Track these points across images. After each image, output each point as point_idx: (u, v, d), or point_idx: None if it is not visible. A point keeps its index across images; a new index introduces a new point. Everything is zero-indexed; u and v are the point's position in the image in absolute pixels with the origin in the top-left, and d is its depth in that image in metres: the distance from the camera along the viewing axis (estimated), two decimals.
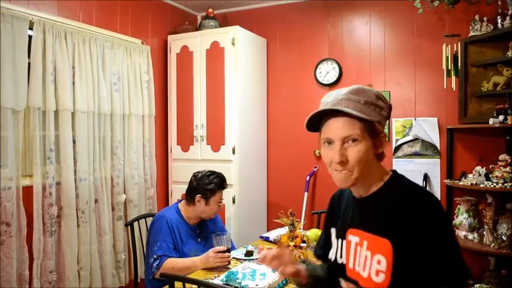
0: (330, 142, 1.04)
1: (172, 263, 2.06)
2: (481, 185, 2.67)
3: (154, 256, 2.09)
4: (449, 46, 2.92)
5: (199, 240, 2.31)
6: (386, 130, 3.28)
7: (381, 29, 3.31)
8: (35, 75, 2.42)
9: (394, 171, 1.11)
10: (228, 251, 2.11)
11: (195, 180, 2.30)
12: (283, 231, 2.33)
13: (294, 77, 3.65)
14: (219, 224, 2.46)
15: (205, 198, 2.25)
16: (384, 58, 3.30)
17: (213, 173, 2.33)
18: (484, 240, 2.71)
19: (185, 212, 2.30)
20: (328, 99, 1.05)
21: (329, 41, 3.49)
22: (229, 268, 1.99)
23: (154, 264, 2.07)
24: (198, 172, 2.35)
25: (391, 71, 3.29)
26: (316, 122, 1.07)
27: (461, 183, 2.81)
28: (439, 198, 3.07)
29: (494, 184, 2.62)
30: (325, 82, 3.48)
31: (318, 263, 1.33)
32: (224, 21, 3.79)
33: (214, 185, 2.27)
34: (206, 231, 2.35)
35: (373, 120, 1.01)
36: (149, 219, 2.69)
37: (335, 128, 1.02)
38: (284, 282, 1.78)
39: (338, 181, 1.06)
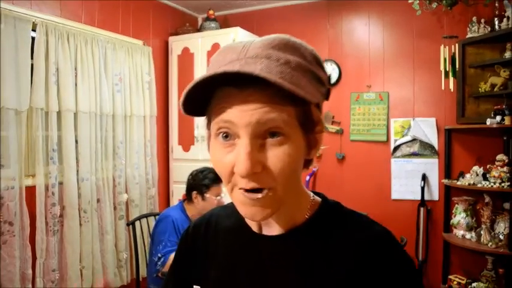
0: (228, 135, 0.57)
1: None
2: (479, 185, 2.70)
3: (159, 255, 2.12)
4: (447, 47, 2.95)
5: None
6: (381, 131, 3.32)
7: (380, 30, 3.34)
8: (37, 76, 2.45)
9: (321, 195, 0.70)
10: None
11: (191, 178, 2.35)
12: None
13: None
14: None
15: (201, 194, 2.28)
16: (383, 59, 3.33)
17: (206, 168, 2.35)
18: (482, 239, 2.74)
19: (188, 211, 2.34)
20: (230, 56, 0.58)
21: (329, 42, 3.52)
22: None
23: (159, 263, 2.11)
24: (194, 170, 2.39)
25: (390, 71, 3.31)
26: (202, 99, 0.59)
27: (459, 183, 2.84)
28: (437, 198, 3.12)
29: (492, 184, 2.65)
30: None
31: None
32: (225, 22, 3.81)
33: (208, 180, 2.29)
34: None
35: (310, 100, 0.55)
36: (150, 219, 2.72)
37: (241, 109, 0.55)
38: None
39: (249, 211, 0.58)
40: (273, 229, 0.66)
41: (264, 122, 0.55)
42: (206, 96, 0.59)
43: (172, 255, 2.10)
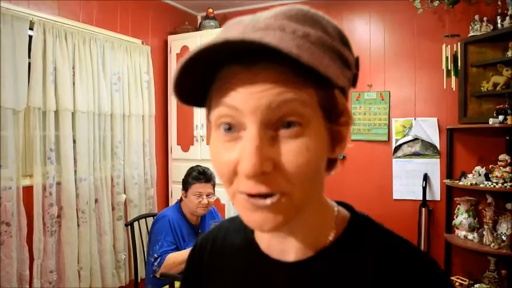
0: (230, 127, 0.46)
1: (173, 258, 2.08)
2: (481, 185, 2.68)
3: (155, 255, 2.11)
4: (449, 46, 2.93)
5: None
6: (382, 131, 3.29)
7: (381, 29, 3.32)
8: (35, 76, 2.43)
9: (348, 206, 0.58)
10: None
11: (184, 176, 2.36)
12: None
13: None
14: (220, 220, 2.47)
15: (185, 191, 2.30)
16: (384, 58, 3.30)
17: (195, 167, 2.36)
18: (484, 240, 2.72)
19: (183, 209, 2.35)
20: (234, 29, 0.46)
21: None
22: None
23: (156, 263, 2.09)
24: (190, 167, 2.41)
25: (391, 71, 3.29)
26: (199, 81, 0.47)
27: (461, 183, 2.82)
28: (439, 198, 3.10)
29: (494, 184, 2.62)
30: None
31: None
32: (224, 21, 3.75)
33: (191, 178, 2.29)
34: (208, 229, 2.36)
35: (335, 81, 0.43)
36: (149, 219, 2.70)
37: (247, 91, 0.43)
38: None
39: (255, 218, 0.46)
40: (287, 252, 0.52)
41: (277, 106, 0.42)
42: (206, 80, 0.47)
43: (169, 255, 2.09)
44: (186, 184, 2.30)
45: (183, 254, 2.10)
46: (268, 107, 0.42)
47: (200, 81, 0.47)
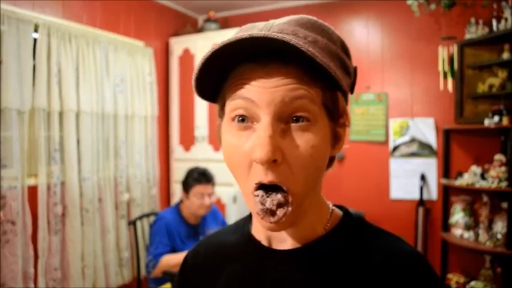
0: (244, 118, 0.50)
1: (167, 260, 2.13)
2: (477, 185, 2.73)
3: (150, 257, 2.16)
4: (445, 48, 2.98)
5: (200, 238, 2.36)
6: (380, 131, 3.34)
7: (378, 31, 3.37)
8: (39, 77, 2.47)
9: (343, 208, 0.61)
10: None
11: (183, 177, 2.38)
12: None
13: None
14: (221, 221, 2.51)
15: (186, 192, 2.31)
16: (382, 60, 3.35)
17: (195, 169, 2.37)
18: (480, 238, 2.76)
19: (183, 211, 2.36)
20: (251, 31, 0.49)
21: None
22: None
23: (150, 264, 2.14)
24: (189, 168, 2.43)
25: (388, 72, 3.34)
26: (215, 77, 0.52)
27: (457, 182, 2.86)
28: (436, 198, 3.15)
29: (490, 183, 2.67)
30: None
31: None
32: (225, 24, 3.83)
33: (191, 179, 2.30)
34: (208, 229, 2.40)
35: (341, 83, 0.49)
36: (152, 218, 2.75)
37: (263, 85, 0.48)
38: None
39: (268, 222, 0.49)
40: (285, 243, 0.56)
41: (290, 101, 0.47)
42: (221, 77, 0.52)
43: (163, 258, 2.13)
44: (186, 186, 2.31)
45: (176, 257, 2.14)
46: (282, 101, 0.47)
47: (216, 77, 0.51)
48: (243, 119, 0.50)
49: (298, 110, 0.48)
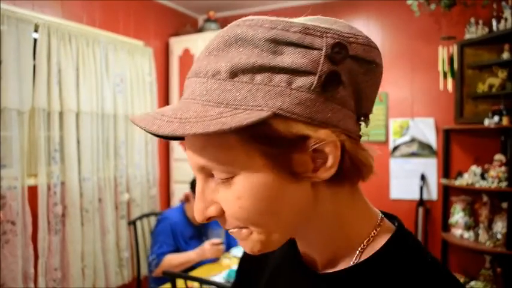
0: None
1: (170, 260, 2.13)
2: (477, 185, 2.73)
3: (154, 256, 2.16)
4: (445, 48, 2.97)
5: (204, 239, 2.35)
6: (380, 131, 3.34)
7: (378, 31, 3.37)
8: (39, 77, 2.47)
9: (397, 221, 0.55)
10: (223, 243, 2.21)
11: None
12: None
13: None
14: None
15: (194, 193, 2.30)
16: (382, 60, 3.34)
17: None
18: (480, 238, 2.77)
19: (188, 212, 2.35)
20: (192, 67, 0.48)
21: None
22: (229, 266, 2.05)
23: (153, 263, 2.14)
24: None
25: (388, 72, 3.34)
26: None
27: (457, 182, 2.87)
28: (436, 198, 3.15)
29: (490, 183, 2.67)
30: None
31: None
32: (225, 24, 3.77)
33: None
34: (211, 230, 2.39)
35: (236, 127, 0.37)
36: (151, 218, 2.75)
37: (187, 146, 0.46)
38: None
39: (243, 244, 0.47)
40: (316, 262, 0.51)
41: (195, 164, 0.44)
42: None
43: (166, 257, 2.14)
44: (195, 186, 2.30)
45: (178, 257, 2.14)
46: (194, 165, 0.44)
47: None
48: None
49: (205, 169, 0.43)
